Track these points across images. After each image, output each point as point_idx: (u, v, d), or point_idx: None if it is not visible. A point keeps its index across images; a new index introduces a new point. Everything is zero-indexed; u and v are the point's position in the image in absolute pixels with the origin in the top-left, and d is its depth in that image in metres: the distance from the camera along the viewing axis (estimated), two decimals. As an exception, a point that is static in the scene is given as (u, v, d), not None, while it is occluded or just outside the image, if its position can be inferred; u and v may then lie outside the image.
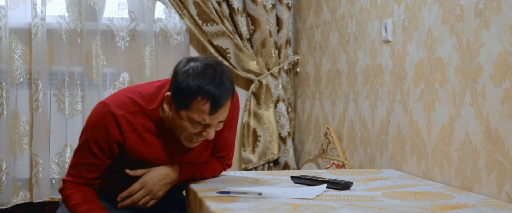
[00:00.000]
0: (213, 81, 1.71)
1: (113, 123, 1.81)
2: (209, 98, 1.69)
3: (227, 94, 1.73)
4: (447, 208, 1.60)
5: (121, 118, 1.81)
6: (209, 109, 1.71)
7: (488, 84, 1.76)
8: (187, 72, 1.73)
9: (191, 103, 1.71)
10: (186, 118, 1.74)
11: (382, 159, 2.44)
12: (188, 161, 1.92)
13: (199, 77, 1.71)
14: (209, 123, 1.74)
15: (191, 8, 3.29)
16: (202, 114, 1.71)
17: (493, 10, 1.74)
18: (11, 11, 3.18)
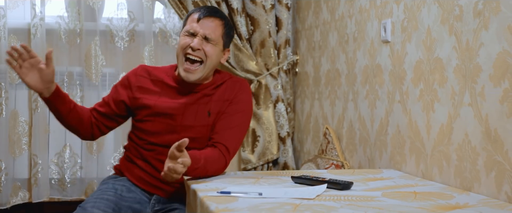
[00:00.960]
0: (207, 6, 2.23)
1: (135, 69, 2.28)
2: (199, 10, 2.16)
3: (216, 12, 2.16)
4: (448, 208, 1.60)
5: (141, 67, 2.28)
6: (197, 17, 2.13)
7: (487, 84, 1.77)
8: None
9: (187, 19, 2.17)
10: (183, 34, 2.15)
11: (381, 159, 2.45)
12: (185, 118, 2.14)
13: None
14: (197, 30, 2.12)
15: (190, 8, 3.29)
16: (192, 23, 2.14)
17: (492, 10, 1.74)
18: (10, 11, 3.18)
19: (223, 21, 2.16)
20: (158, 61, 3.37)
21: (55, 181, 3.28)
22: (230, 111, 2.15)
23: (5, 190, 3.17)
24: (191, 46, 2.09)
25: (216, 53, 2.14)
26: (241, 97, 2.17)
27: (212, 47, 2.12)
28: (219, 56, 2.16)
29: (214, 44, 2.12)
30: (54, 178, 3.28)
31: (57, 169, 3.27)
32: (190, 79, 2.12)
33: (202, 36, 2.11)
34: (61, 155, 3.27)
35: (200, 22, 2.12)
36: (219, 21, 2.14)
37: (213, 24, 2.12)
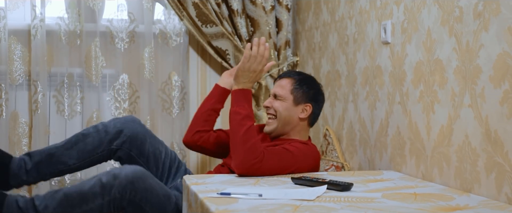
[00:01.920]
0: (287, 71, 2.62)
1: None
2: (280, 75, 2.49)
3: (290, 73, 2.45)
4: (448, 209, 1.60)
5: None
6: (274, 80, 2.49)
7: (487, 86, 1.77)
8: None
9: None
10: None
11: (381, 160, 2.45)
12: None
13: None
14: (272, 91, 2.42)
15: (190, 9, 3.29)
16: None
17: (492, 11, 1.74)
18: (10, 12, 3.18)
19: (294, 79, 2.40)
20: (158, 63, 3.37)
21: (55, 182, 3.27)
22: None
23: (5, 191, 3.17)
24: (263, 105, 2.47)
25: (285, 108, 2.36)
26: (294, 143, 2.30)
27: (280, 103, 2.37)
28: (290, 111, 2.37)
29: (282, 100, 2.37)
30: (54, 178, 3.27)
31: (57, 170, 3.26)
32: (267, 130, 2.43)
33: (272, 95, 2.41)
34: (61, 156, 3.27)
35: (275, 84, 2.44)
36: (290, 79, 2.40)
37: (283, 82, 2.40)
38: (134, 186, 2.25)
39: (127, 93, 3.32)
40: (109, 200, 2.26)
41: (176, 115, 3.39)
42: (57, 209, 2.26)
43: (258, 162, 2.07)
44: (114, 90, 3.31)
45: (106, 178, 2.27)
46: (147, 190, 2.28)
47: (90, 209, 2.26)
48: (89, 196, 2.26)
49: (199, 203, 1.73)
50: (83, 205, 2.25)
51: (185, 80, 3.43)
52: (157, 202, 2.30)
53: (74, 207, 2.26)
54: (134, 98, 3.34)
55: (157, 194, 2.31)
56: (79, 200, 2.26)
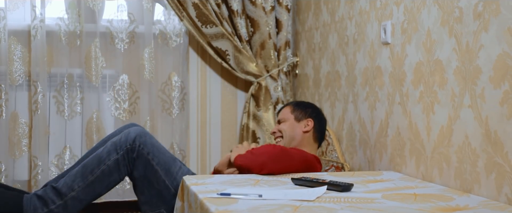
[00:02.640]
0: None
1: None
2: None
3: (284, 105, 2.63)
4: (448, 210, 1.60)
5: None
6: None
7: (487, 86, 1.77)
8: None
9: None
10: None
11: (381, 161, 2.45)
12: None
13: None
14: (276, 120, 2.67)
15: (190, 10, 3.29)
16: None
17: (492, 12, 1.74)
18: (10, 13, 3.18)
19: (291, 104, 2.61)
20: (158, 63, 3.37)
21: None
22: None
23: (5, 192, 3.17)
24: (270, 133, 2.66)
25: (288, 126, 2.52)
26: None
27: (284, 124, 2.54)
28: (294, 126, 2.52)
29: (284, 121, 2.55)
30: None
31: (57, 171, 3.26)
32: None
33: (277, 122, 2.62)
34: (61, 157, 3.27)
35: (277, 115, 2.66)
36: (287, 106, 2.60)
37: (282, 110, 2.60)
38: (142, 139, 2.45)
39: (127, 93, 3.32)
40: (123, 154, 2.42)
41: (176, 116, 3.39)
42: (77, 179, 2.41)
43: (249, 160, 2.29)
44: (114, 90, 3.31)
45: (117, 138, 2.48)
46: (153, 146, 2.47)
47: (108, 167, 2.42)
48: (105, 156, 2.43)
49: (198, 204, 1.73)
50: (101, 164, 2.42)
51: (185, 80, 3.43)
52: (163, 160, 2.46)
53: (93, 170, 2.42)
54: (134, 98, 3.34)
55: (163, 151, 2.49)
56: (97, 163, 2.43)
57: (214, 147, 3.54)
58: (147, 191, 2.46)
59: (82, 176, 2.42)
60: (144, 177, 2.45)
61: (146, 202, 2.47)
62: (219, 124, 3.54)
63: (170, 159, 2.50)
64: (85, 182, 2.41)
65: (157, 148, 2.48)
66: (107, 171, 2.42)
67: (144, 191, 2.46)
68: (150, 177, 2.45)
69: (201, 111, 3.52)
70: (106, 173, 2.42)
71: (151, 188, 2.45)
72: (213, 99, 3.54)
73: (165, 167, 2.46)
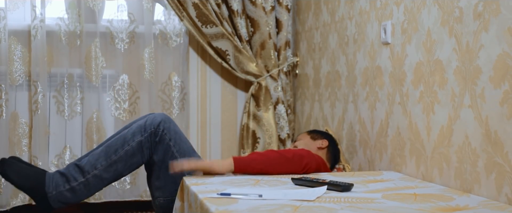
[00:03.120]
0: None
1: None
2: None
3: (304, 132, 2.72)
4: (448, 210, 1.60)
5: None
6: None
7: (487, 86, 1.77)
8: None
9: None
10: None
11: (381, 161, 2.45)
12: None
13: None
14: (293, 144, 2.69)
15: (190, 10, 3.29)
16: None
17: (492, 12, 1.74)
18: (11, 13, 3.18)
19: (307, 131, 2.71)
20: (158, 63, 3.37)
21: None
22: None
23: (5, 192, 3.17)
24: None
25: (303, 143, 2.58)
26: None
27: (299, 143, 2.62)
28: (309, 144, 2.58)
29: (301, 141, 2.62)
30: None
31: (57, 171, 3.26)
32: None
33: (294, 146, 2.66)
34: (61, 157, 3.27)
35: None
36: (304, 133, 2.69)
37: (299, 135, 2.68)
38: (166, 125, 2.45)
39: (127, 93, 3.32)
40: (147, 136, 2.43)
41: (176, 116, 3.39)
42: (100, 158, 2.42)
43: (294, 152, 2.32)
44: (114, 90, 3.31)
45: (142, 120, 2.49)
46: (177, 133, 2.47)
47: (131, 148, 2.42)
48: (129, 137, 2.44)
49: (199, 204, 1.73)
50: (125, 145, 2.43)
51: (185, 80, 3.43)
52: (184, 149, 2.46)
53: (116, 150, 2.42)
54: (134, 98, 3.34)
55: (185, 141, 2.49)
56: (121, 143, 2.43)
57: (214, 147, 3.54)
58: (163, 176, 2.47)
59: (105, 155, 2.43)
60: (163, 162, 2.44)
61: (159, 187, 2.47)
62: (219, 124, 3.54)
63: (190, 149, 2.50)
64: (108, 161, 2.42)
65: (179, 136, 2.48)
66: (130, 152, 2.43)
67: (160, 176, 2.46)
68: (168, 163, 2.43)
69: (201, 111, 3.52)
70: (130, 154, 2.43)
71: (167, 174, 2.44)
72: (213, 99, 3.54)
73: (184, 155, 2.46)
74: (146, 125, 2.45)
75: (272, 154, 2.26)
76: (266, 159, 2.23)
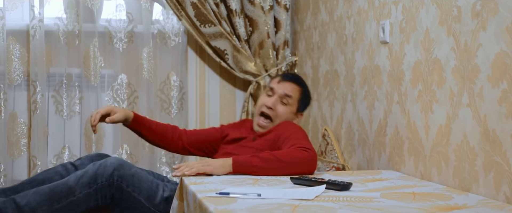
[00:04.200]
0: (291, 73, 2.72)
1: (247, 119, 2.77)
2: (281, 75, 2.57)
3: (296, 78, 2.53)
4: (446, 209, 1.60)
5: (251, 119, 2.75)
6: (279, 79, 2.50)
7: (485, 85, 1.77)
8: None
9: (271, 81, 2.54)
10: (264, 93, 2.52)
11: (380, 160, 2.45)
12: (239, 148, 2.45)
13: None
14: (275, 89, 2.46)
15: (189, 9, 3.29)
16: (273, 83, 2.49)
17: (490, 11, 1.75)
18: (9, 12, 3.18)
19: (302, 88, 2.50)
20: (157, 63, 3.37)
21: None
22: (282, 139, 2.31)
23: (4, 192, 3.17)
24: (266, 105, 2.44)
25: (287, 114, 2.44)
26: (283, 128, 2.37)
27: (285, 108, 2.44)
28: (289, 117, 2.46)
29: (288, 105, 2.45)
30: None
31: (56, 171, 3.26)
32: (260, 131, 2.46)
33: (279, 96, 2.45)
34: (60, 157, 3.27)
35: (281, 83, 2.46)
36: (299, 87, 2.48)
37: (291, 86, 2.46)
38: (120, 172, 2.31)
39: (125, 93, 3.32)
40: (96, 189, 2.29)
41: (175, 115, 3.39)
42: (42, 203, 2.25)
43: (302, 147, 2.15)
44: (113, 90, 3.31)
45: (92, 169, 2.32)
46: (134, 176, 2.33)
47: (77, 199, 2.28)
48: (76, 187, 2.28)
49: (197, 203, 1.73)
50: (70, 196, 2.27)
51: (184, 80, 3.43)
52: (145, 188, 2.34)
53: (60, 199, 2.26)
54: (133, 98, 3.34)
55: (144, 179, 2.35)
56: (66, 192, 2.27)
57: (213, 147, 3.54)
58: None
59: (48, 201, 2.25)
60: (127, 208, 2.33)
61: None
62: (218, 124, 3.54)
63: (152, 185, 2.36)
64: (50, 209, 2.25)
65: (137, 178, 2.34)
66: (75, 202, 2.27)
67: None
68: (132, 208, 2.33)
69: (200, 110, 3.52)
70: (74, 205, 2.27)
71: None
72: (211, 99, 3.54)
73: (147, 194, 2.34)
74: (96, 175, 2.29)
75: (276, 165, 2.09)
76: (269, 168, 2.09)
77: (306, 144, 2.20)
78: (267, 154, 2.12)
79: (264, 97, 2.49)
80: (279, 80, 2.49)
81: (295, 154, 2.11)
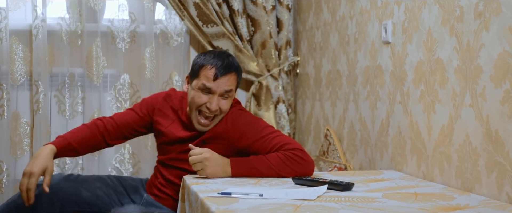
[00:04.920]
0: (220, 57, 2.16)
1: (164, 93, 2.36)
2: (214, 65, 2.13)
3: (230, 67, 2.15)
4: (448, 209, 1.60)
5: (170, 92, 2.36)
6: (213, 74, 2.12)
7: (488, 85, 1.77)
8: (202, 53, 2.22)
9: (200, 71, 2.15)
10: (196, 87, 2.15)
11: (382, 160, 2.45)
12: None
13: (208, 54, 2.19)
14: (214, 89, 2.13)
15: (191, 9, 3.29)
16: (208, 80, 2.13)
17: (493, 11, 1.74)
18: (12, 12, 3.18)
19: (236, 72, 2.18)
20: (159, 63, 3.38)
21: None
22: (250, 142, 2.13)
23: (7, 192, 3.18)
24: (208, 107, 2.14)
25: (229, 104, 2.18)
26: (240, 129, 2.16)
27: (227, 101, 2.16)
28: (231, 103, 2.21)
29: (230, 96, 2.17)
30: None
31: (59, 170, 3.27)
32: (204, 130, 2.20)
33: (220, 94, 2.14)
34: (62, 156, 3.28)
35: (217, 81, 2.13)
36: (234, 74, 2.17)
37: (229, 80, 2.14)
38: None
39: (128, 93, 3.32)
40: None
41: (177, 115, 3.39)
42: None
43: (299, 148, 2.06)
44: (115, 90, 3.31)
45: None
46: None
47: None
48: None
49: (199, 203, 1.73)
50: None
51: (186, 80, 3.44)
52: None
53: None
54: (135, 98, 3.34)
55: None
56: None
57: (215, 147, 3.54)
58: None
59: None
60: None
61: None
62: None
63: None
64: None
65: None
66: None
67: None
68: None
69: (202, 110, 3.52)
70: None
71: None
72: (214, 99, 3.54)
73: None
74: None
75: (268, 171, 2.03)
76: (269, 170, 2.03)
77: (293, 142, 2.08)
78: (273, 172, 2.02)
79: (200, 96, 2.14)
80: (214, 78, 2.12)
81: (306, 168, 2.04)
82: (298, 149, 2.06)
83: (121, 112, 2.42)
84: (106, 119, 2.34)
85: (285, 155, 2.04)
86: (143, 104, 2.36)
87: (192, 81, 2.18)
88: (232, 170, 2.03)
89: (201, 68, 2.14)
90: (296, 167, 2.03)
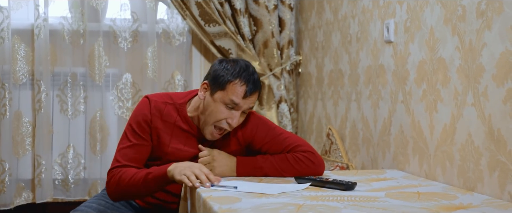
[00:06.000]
0: (247, 71, 1.99)
1: (148, 105, 2.08)
2: (245, 83, 1.96)
3: (258, 85, 2.01)
4: (451, 208, 1.60)
5: (154, 103, 2.08)
6: (244, 92, 1.96)
7: (490, 84, 1.77)
8: (225, 62, 2.02)
9: (227, 85, 1.96)
10: (220, 100, 1.97)
11: (384, 159, 2.45)
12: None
13: (234, 66, 1.99)
14: (240, 106, 1.97)
15: (193, 8, 3.29)
16: (237, 96, 1.96)
17: (495, 10, 1.74)
18: (14, 12, 3.19)
19: (260, 89, 2.05)
20: (161, 62, 3.38)
21: (59, 181, 3.28)
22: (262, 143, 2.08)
23: (9, 191, 3.18)
24: (229, 123, 1.99)
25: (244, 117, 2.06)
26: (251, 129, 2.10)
27: (244, 116, 2.04)
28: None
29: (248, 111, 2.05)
30: (58, 178, 3.28)
31: (61, 170, 3.27)
32: (214, 140, 2.06)
33: (243, 111, 2.01)
34: (64, 156, 3.28)
35: (246, 98, 1.98)
36: (257, 92, 2.03)
37: (255, 97, 2.02)
38: None
39: (130, 92, 3.33)
40: None
41: (179, 114, 3.39)
42: None
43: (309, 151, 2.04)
44: (117, 89, 3.31)
45: None
46: None
47: None
48: None
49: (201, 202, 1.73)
50: None
51: (188, 79, 3.44)
52: None
53: None
54: (138, 97, 3.34)
55: None
56: None
57: (217, 146, 3.54)
58: None
59: None
60: None
61: None
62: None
63: None
64: None
65: None
66: None
67: None
68: None
69: (204, 109, 3.52)
70: None
71: None
72: (216, 98, 3.54)
73: None
74: None
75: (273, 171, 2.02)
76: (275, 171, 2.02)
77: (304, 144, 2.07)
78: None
79: (222, 108, 1.98)
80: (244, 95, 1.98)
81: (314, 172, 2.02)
82: (309, 151, 2.05)
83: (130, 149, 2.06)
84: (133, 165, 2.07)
85: (294, 157, 2.02)
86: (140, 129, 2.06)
87: (215, 92, 1.98)
88: (237, 170, 2.03)
89: (229, 82, 1.96)
90: (303, 169, 2.03)
